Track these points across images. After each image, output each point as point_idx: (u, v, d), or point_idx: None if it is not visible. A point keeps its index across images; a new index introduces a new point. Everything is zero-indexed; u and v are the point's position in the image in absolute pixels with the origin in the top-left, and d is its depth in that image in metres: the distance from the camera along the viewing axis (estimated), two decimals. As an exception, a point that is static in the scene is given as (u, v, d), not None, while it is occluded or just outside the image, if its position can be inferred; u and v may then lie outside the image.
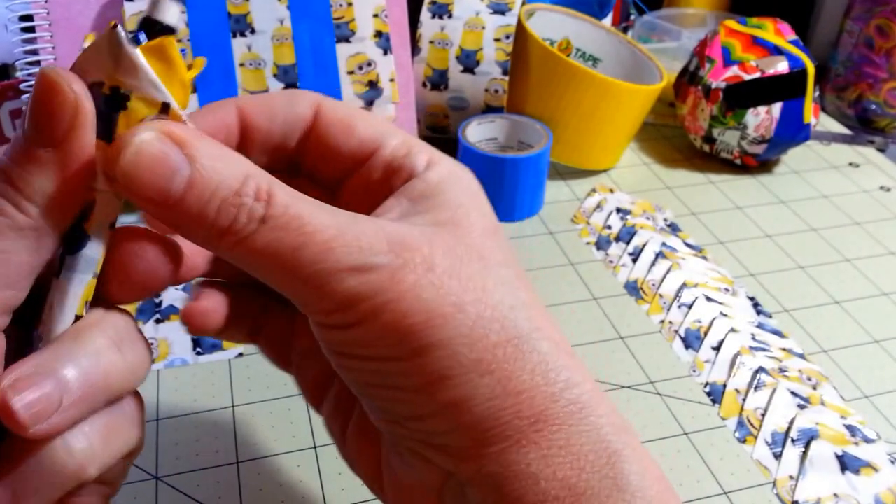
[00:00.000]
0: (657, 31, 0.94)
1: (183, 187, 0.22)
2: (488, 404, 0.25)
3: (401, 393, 0.26)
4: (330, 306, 0.24)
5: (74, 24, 0.66)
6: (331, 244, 0.24)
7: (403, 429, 0.27)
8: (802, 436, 0.49)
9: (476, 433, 0.25)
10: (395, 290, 0.24)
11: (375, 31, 0.68)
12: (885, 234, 0.69)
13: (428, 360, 0.24)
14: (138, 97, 0.21)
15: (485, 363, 0.25)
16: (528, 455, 0.25)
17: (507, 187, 0.67)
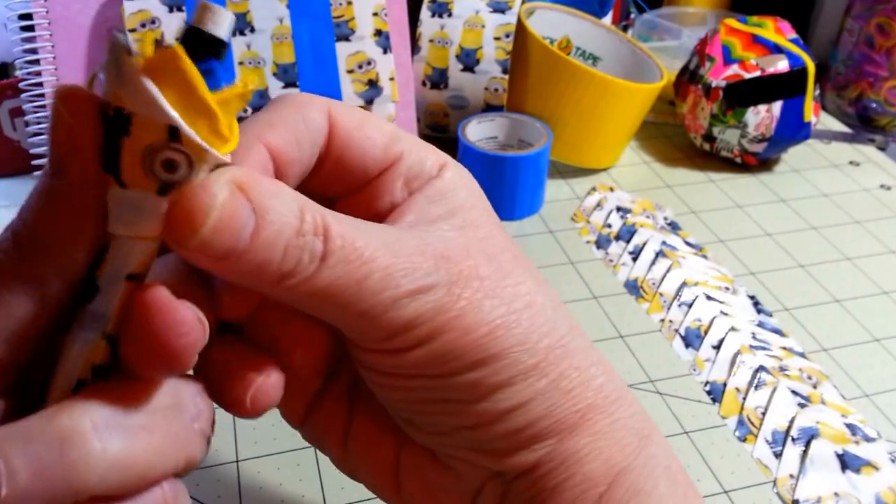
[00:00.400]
0: (657, 30, 0.94)
1: (249, 237, 0.20)
2: (546, 405, 0.26)
3: (455, 406, 0.26)
4: (389, 333, 0.24)
5: (74, 22, 0.66)
6: (390, 270, 0.23)
7: (453, 439, 0.27)
8: (803, 435, 0.49)
9: (531, 433, 0.26)
10: (454, 308, 0.24)
11: (375, 29, 0.68)
12: (886, 233, 0.69)
13: (489, 370, 0.25)
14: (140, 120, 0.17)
15: (541, 367, 0.26)
16: (580, 441, 0.26)
17: (507, 186, 0.67)
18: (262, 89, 0.66)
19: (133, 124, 0.17)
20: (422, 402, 0.26)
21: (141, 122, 0.17)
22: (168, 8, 0.65)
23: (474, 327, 0.25)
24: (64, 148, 0.19)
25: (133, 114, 0.17)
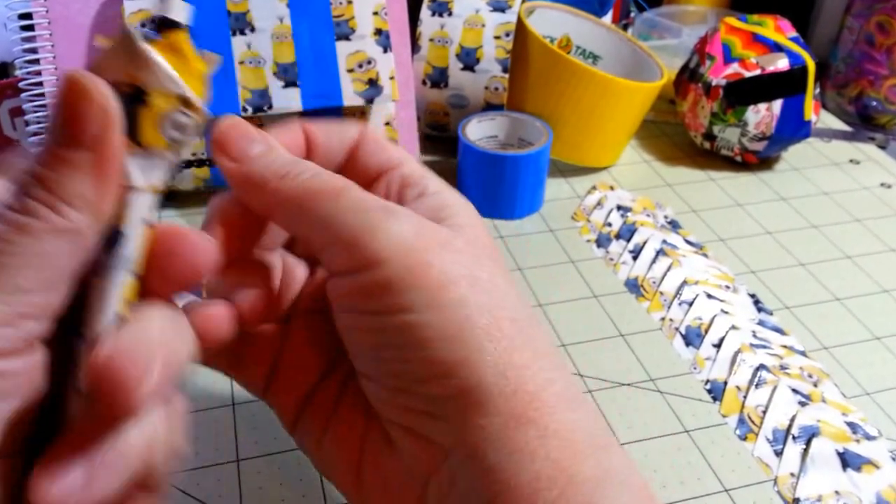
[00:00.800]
0: (657, 29, 0.94)
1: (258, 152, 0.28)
2: (494, 370, 0.26)
3: (413, 352, 0.27)
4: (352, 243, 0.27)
5: (73, 22, 0.66)
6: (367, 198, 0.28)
7: (409, 397, 0.28)
8: (803, 433, 0.49)
9: (480, 398, 0.26)
10: (418, 247, 0.27)
11: (375, 28, 0.68)
12: (886, 231, 0.69)
13: (446, 314, 0.26)
14: (156, 92, 0.22)
15: (494, 330, 0.26)
16: (528, 433, 0.26)
17: (508, 185, 0.67)
18: (263, 88, 0.66)
19: (150, 96, 0.22)
20: (388, 347, 0.27)
21: (158, 94, 0.22)
22: (168, 7, 0.65)
23: (433, 271, 0.26)
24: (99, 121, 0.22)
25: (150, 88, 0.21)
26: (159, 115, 0.22)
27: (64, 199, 0.22)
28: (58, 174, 0.22)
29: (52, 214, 0.22)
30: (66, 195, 0.22)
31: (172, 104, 0.22)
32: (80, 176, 0.22)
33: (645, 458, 0.48)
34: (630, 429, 0.50)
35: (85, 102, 0.22)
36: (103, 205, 0.23)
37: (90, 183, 0.22)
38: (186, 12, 0.23)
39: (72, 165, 0.22)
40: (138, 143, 0.22)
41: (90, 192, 0.22)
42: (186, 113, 0.22)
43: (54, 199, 0.22)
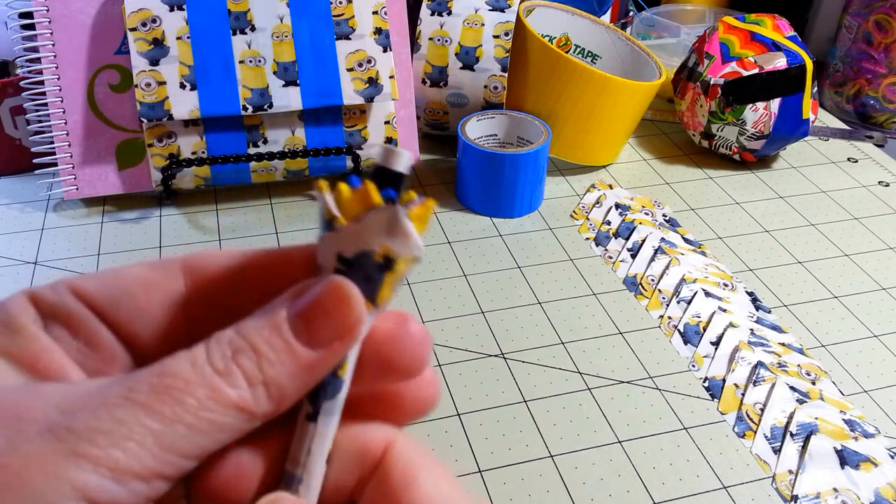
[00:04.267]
0: (656, 28, 0.95)
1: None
2: None
3: None
4: None
5: (74, 21, 0.66)
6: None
7: None
8: (802, 430, 0.49)
9: None
10: None
11: (375, 27, 0.68)
12: (884, 230, 0.70)
13: None
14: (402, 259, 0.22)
15: None
16: None
17: (507, 183, 0.67)
18: (263, 87, 0.66)
19: (397, 263, 0.22)
20: None
21: (404, 260, 0.22)
22: (168, 7, 0.65)
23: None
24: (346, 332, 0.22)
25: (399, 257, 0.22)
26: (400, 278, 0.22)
27: (265, 383, 0.21)
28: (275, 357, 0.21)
29: (247, 391, 0.21)
30: (269, 379, 0.21)
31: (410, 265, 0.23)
32: (293, 370, 0.21)
33: (644, 456, 0.48)
34: (629, 426, 0.50)
35: (342, 313, 0.21)
36: (289, 401, 0.22)
37: (296, 380, 0.21)
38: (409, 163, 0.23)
39: (293, 357, 0.21)
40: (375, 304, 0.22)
41: (290, 386, 0.21)
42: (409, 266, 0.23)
43: (257, 378, 0.21)
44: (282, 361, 0.21)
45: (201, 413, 0.20)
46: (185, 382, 0.20)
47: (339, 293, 0.21)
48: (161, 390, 0.20)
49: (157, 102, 0.65)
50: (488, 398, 0.52)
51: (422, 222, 0.22)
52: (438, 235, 0.67)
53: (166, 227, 0.67)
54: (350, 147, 0.70)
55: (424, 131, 0.78)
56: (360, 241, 0.22)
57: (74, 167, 0.67)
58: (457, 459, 0.48)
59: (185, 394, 0.20)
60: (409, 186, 0.23)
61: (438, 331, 0.57)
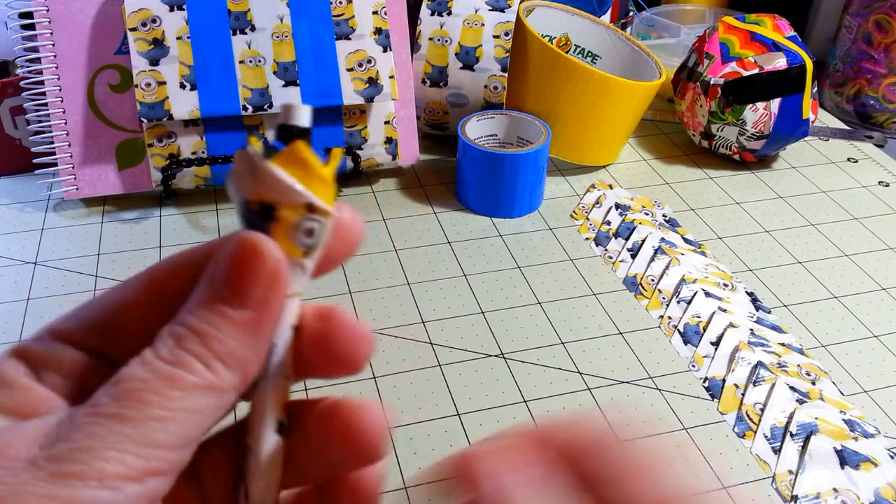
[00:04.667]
0: (656, 28, 0.95)
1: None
2: None
3: None
4: None
5: (74, 21, 0.66)
6: None
7: None
8: (802, 430, 0.49)
9: None
10: None
11: (375, 27, 0.68)
12: (884, 230, 0.70)
13: None
14: (284, 205, 0.22)
15: None
16: None
17: (507, 183, 0.67)
18: (263, 87, 0.66)
19: (278, 210, 0.22)
20: None
21: (285, 206, 0.22)
22: (168, 7, 0.65)
23: None
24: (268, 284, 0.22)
25: (277, 202, 0.22)
26: (290, 227, 0.22)
27: (218, 356, 0.22)
28: (217, 330, 0.22)
29: (205, 370, 0.21)
30: (221, 352, 0.22)
31: (300, 213, 0.22)
32: (238, 335, 0.22)
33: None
34: (629, 426, 0.50)
35: (257, 264, 0.22)
36: (253, 366, 0.22)
37: (247, 343, 0.22)
38: (310, 116, 0.23)
39: (232, 323, 0.22)
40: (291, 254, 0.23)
41: (245, 352, 0.22)
42: (315, 218, 0.22)
43: (209, 356, 0.21)
44: (225, 332, 0.22)
45: (168, 404, 0.20)
46: (143, 382, 0.20)
47: (244, 245, 0.22)
48: (122, 396, 0.20)
49: (157, 102, 0.65)
50: (488, 398, 0.52)
51: (301, 168, 0.22)
52: (438, 235, 0.67)
53: (166, 227, 0.67)
54: (350, 147, 0.70)
55: (424, 131, 0.78)
56: (237, 191, 0.23)
57: (74, 167, 0.67)
58: (457, 459, 0.48)
59: (145, 392, 0.20)
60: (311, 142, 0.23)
61: (439, 331, 0.57)
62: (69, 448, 0.20)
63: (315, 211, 0.22)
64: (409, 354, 0.55)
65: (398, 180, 0.74)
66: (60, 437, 0.20)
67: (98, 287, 0.61)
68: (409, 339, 0.56)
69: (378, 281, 0.62)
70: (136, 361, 0.21)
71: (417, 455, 0.48)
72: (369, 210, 0.70)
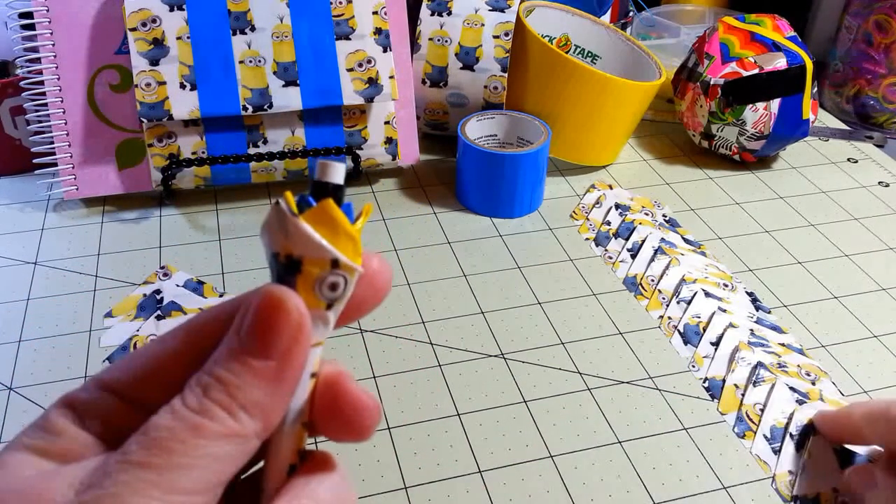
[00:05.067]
0: (656, 28, 0.95)
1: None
2: None
3: None
4: None
5: (74, 21, 0.66)
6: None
7: None
8: (802, 431, 0.49)
9: None
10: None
11: (375, 28, 0.68)
12: (884, 230, 0.70)
13: None
14: (310, 260, 0.23)
15: None
16: None
17: (507, 183, 0.67)
18: (263, 87, 0.66)
19: (304, 264, 0.23)
20: None
21: (310, 261, 0.23)
22: (168, 7, 0.65)
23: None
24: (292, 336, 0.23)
25: (303, 257, 0.23)
26: (315, 281, 0.23)
27: (242, 405, 0.22)
28: (241, 380, 0.22)
29: (228, 418, 0.22)
30: (244, 401, 0.22)
31: (325, 269, 0.23)
32: (261, 385, 0.22)
33: (643, 456, 0.48)
34: (629, 426, 0.50)
35: (282, 317, 0.22)
36: (276, 414, 0.23)
37: (270, 392, 0.23)
38: (344, 174, 0.24)
39: (256, 373, 0.22)
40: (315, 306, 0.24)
41: (267, 401, 0.23)
42: (339, 273, 0.23)
43: (234, 405, 0.22)
44: (248, 382, 0.22)
45: (192, 452, 0.21)
46: (169, 430, 0.21)
47: (270, 299, 0.23)
48: (150, 444, 0.21)
49: (157, 102, 0.65)
50: (488, 398, 0.52)
51: (329, 226, 0.23)
52: (438, 235, 0.67)
53: (166, 227, 0.67)
54: (350, 147, 0.70)
55: (424, 131, 0.78)
56: (268, 243, 0.23)
57: (74, 167, 0.67)
58: (457, 459, 0.48)
59: (171, 441, 0.21)
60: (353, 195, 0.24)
61: (439, 331, 0.57)
62: (99, 494, 0.21)
63: (340, 266, 0.23)
64: (410, 354, 0.55)
65: (398, 180, 0.74)
66: (93, 484, 0.21)
67: (98, 287, 0.61)
68: (409, 339, 0.56)
69: (378, 281, 0.62)
70: (165, 410, 0.22)
71: (417, 455, 0.48)
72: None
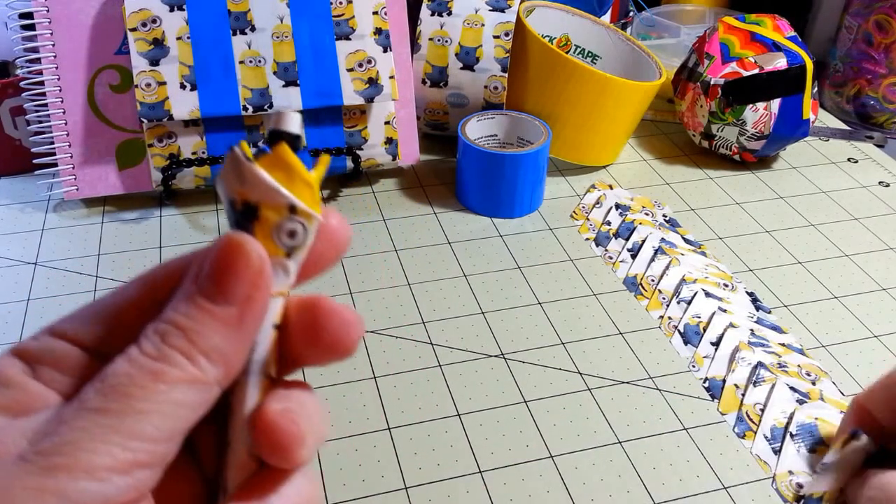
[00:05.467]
0: (656, 28, 0.95)
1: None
2: None
3: None
4: None
5: (74, 21, 0.66)
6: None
7: None
8: (802, 431, 0.49)
9: None
10: None
11: (375, 28, 0.68)
12: (884, 230, 0.70)
13: None
14: (266, 205, 0.23)
15: None
16: None
17: (507, 184, 0.67)
18: (263, 87, 0.66)
19: (261, 210, 0.23)
20: None
21: (267, 206, 0.23)
22: (168, 7, 0.65)
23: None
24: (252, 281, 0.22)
25: (259, 203, 0.23)
26: (272, 227, 0.23)
27: (202, 351, 0.22)
28: (200, 326, 0.22)
29: (188, 364, 0.22)
30: (204, 347, 0.22)
31: (282, 215, 0.23)
32: (222, 330, 0.22)
33: (644, 456, 0.48)
34: (629, 426, 0.50)
35: (241, 261, 0.22)
36: (237, 361, 0.23)
37: (230, 338, 0.22)
38: (300, 123, 0.24)
39: (216, 319, 0.22)
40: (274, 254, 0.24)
41: (228, 347, 0.22)
42: (297, 220, 0.23)
43: (193, 350, 0.22)
44: (207, 327, 0.22)
45: (152, 398, 0.21)
46: (127, 377, 0.21)
47: (229, 243, 0.22)
48: (107, 391, 0.21)
49: (158, 103, 0.65)
50: (488, 398, 0.52)
51: (285, 171, 0.23)
52: (438, 236, 0.67)
53: (166, 228, 0.67)
54: (350, 147, 0.70)
55: (424, 131, 0.78)
56: (225, 191, 0.23)
57: (74, 167, 0.67)
58: (457, 460, 0.48)
59: (129, 387, 0.21)
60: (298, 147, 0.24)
61: (439, 331, 0.57)
62: (57, 442, 0.20)
63: (297, 213, 0.23)
64: (410, 354, 0.55)
65: (398, 180, 0.74)
66: (49, 433, 0.20)
67: (98, 287, 0.61)
68: (409, 340, 0.56)
69: (378, 281, 0.62)
70: (121, 358, 0.21)
71: (418, 455, 0.48)
72: (369, 210, 0.70)
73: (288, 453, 0.23)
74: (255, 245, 0.22)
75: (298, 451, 0.23)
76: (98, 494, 0.20)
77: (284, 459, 0.23)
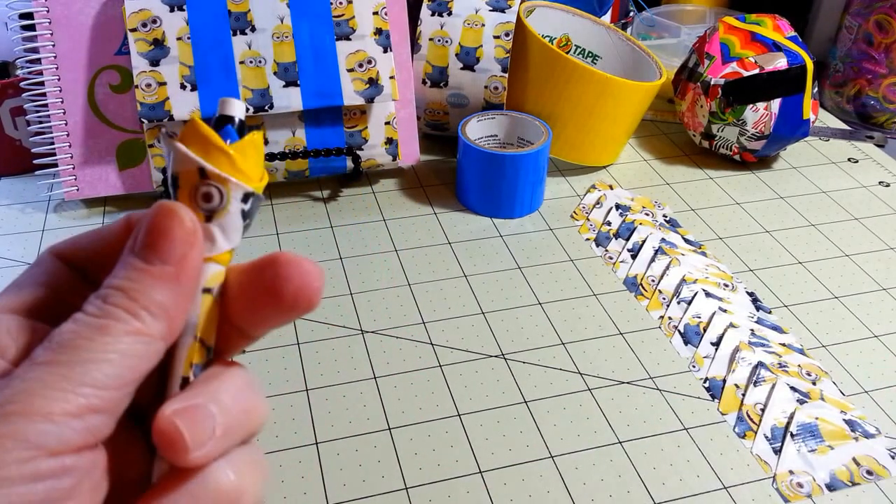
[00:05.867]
0: (656, 28, 0.95)
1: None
2: None
3: None
4: None
5: (74, 22, 0.66)
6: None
7: None
8: (802, 430, 0.49)
9: None
10: None
11: (375, 28, 0.68)
12: (884, 230, 0.70)
13: None
14: (182, 172, 0.24)
15: None
16: None
17: (507, 184, 0.67)
18: (264, 88, 0.66)
19: (180, 178, 0.24)
20: None
21: (183, 174, 0.24)
22: (169, 7, 0.65)
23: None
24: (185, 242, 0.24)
25: (178, 171, 0.24)
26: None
27: (143, 307, 0.23)
28: (140, 285, 0.23)
29: (132, 318, 0.23)
30: (146, 302, 0.23)
31: (194, 178, 0.24)
32: (160, 286, 0.23)
33: (644, 456, 0.48)
34: (629, 426, 0.50)
35: (175, 223, 0.24)
36: (179, 316, 0.24)
37: (169, 293, 0.24)
38: (243, 109, 0.26)
39: (154, 277, 0.23)
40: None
41: (169, 301, 0.23)
42: (211, 184, 0.24)
43: (135, 306, 0.23)
44: (147, 285, 0.23)
45: (99, 348, 0.22)
46: (74, 332, 0.22)
47: (161, 208, 0.24)
48: (55, 347, 0.22)
49: (158, 103, 0.65)
50: (488, 399, 0.52)
51: (200, 142, 0.24)
52: (439, 236, 0.67)
53: (167, 228, 0.67)
54: (350, 147, 0.70)
55: (425, 132, 0.78)
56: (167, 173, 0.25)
57: (75, 168, 0.67)
58: (457, 460, 0.48)
59: (77, 339, 0.22)
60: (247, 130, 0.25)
61: (439, 331, 0.57)
62: (8, 393, 0.21)
63: (208, 176, 0.24)
64: (410, 355, 0.55)
65: (398, 181, 0.74)
66: (2, 386, 0.21)
67: (98, 287, 0.61)
68: (409, 340, 0.56)
69: (378, 281, 0.62)
70: (68, 321, 0.23)
71: (418, 455, 0.48)
72: (370, 210, 0.70)
73: (178, 456, 0.23)
74: (186, 209, 0.24)
75: (185, 456, 0.23)
76: (56, 436, 0.21)
77: (178, 461, 0.23)
